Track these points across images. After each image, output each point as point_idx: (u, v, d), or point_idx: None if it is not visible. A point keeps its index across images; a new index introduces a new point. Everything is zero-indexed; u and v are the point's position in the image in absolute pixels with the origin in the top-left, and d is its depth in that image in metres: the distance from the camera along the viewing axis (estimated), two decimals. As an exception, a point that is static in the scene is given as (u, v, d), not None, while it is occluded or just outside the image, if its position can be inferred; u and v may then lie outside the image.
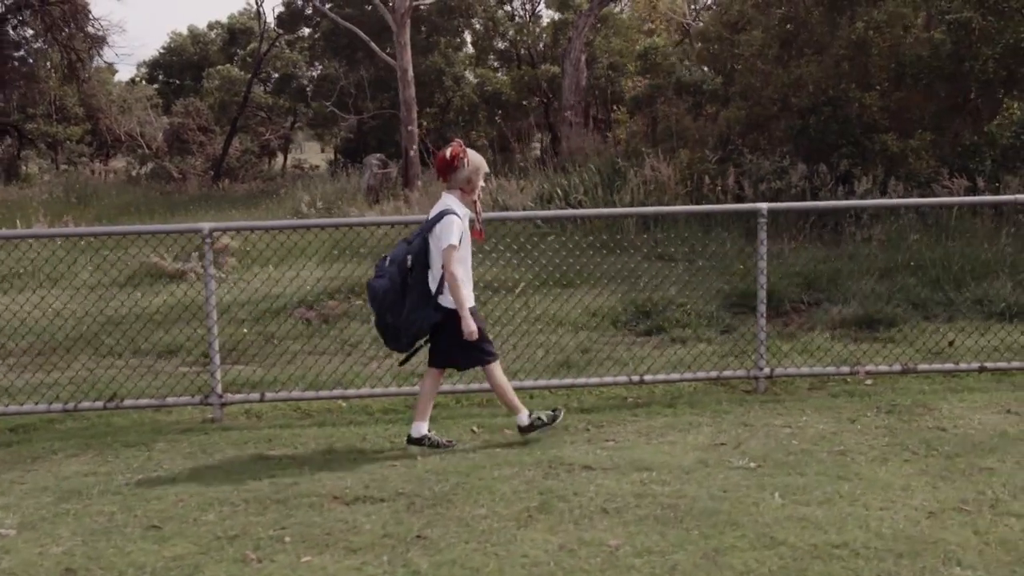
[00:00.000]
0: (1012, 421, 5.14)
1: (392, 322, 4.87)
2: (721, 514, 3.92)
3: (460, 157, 4.84)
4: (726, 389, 6.13)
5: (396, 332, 4.91)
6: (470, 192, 4.93)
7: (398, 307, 4.84)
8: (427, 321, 4.87)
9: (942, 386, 5.96)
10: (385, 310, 4.87)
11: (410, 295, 4.83)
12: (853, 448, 4.76)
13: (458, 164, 4.85)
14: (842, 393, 5.89)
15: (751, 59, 11.20)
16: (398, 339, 4.95)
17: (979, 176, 10.84)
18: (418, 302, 4.84)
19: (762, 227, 5.91)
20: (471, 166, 4.87)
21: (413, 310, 4.83)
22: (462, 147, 4.90)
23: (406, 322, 4.85)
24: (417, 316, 4.84)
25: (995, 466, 4.41)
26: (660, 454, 4.78)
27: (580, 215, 8.07)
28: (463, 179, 4.88)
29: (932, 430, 5.03)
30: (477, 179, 4.93)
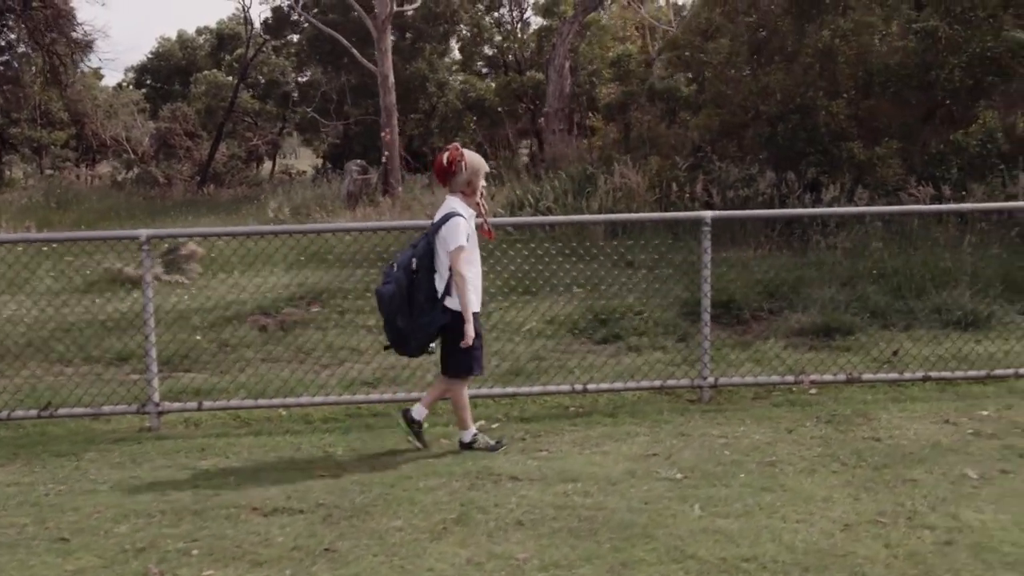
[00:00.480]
0: (947, 431, 5.11)
1: (402, 327, 4.86)
2: (637, 527, 3.89)
3: (457, 161, 4.84)
4: (672, 399, 6.09)
5: (405, 337, 4.90)
6: (471, 194, 4.93)
7: (405, 311, 4.83)
8: (434, 324, 4.84)
9: (885, 396, 5.93)
10: (393, 315, 4.86)
11: (416, 299, 4.82)
12: (784, 459, 4.73)
13: (456, 168, 4.85)
14: (785, 403, 5.85)
15: (719, 67, 11.19)
16: (407, 344, 4.93)
17: (945, 184, 10.84)
18: (425, 306, 4.83)
19: (705, 235, 5.89)
20: (469, 168, 4.86)
21: (421, 314, 4.82)
22: (459, 150, 4.89)
23: (415, 326, 4.84)
24: (425, 320, 4.83)
25: (920, 477, 4.38)
26: (591, 465, 4.74)
27: (517, 223, 8.00)
28: (463, 182, 4.87)
29: (866, 440, 5.00)
30: (477, 180, 4.92)
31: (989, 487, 4.23)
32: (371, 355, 7.31)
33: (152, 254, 5.74)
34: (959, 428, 5.17)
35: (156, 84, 38.66)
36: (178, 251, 10.78)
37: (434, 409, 5.95)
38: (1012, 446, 4.81)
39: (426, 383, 6.54)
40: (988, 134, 11.05)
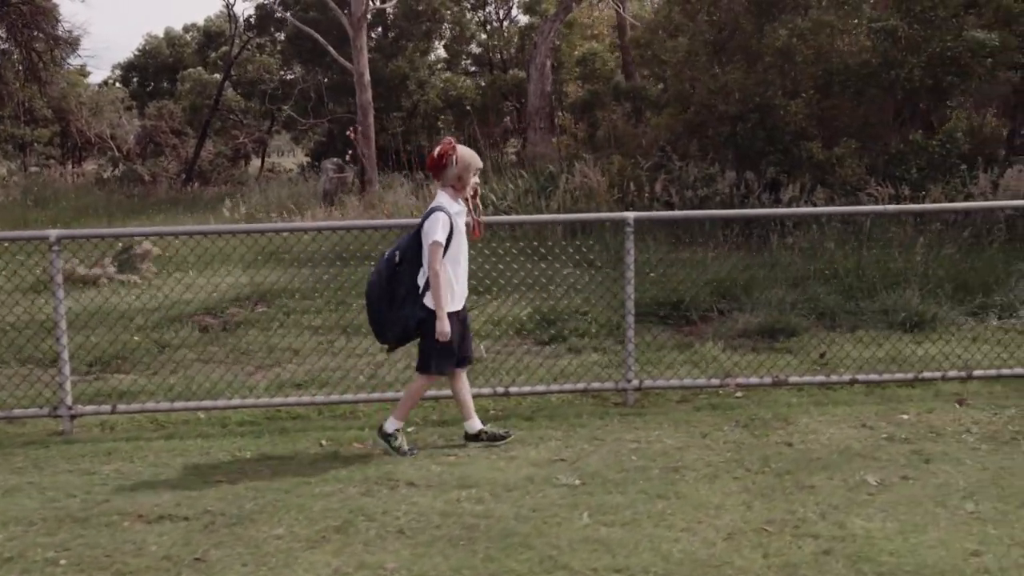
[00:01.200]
0: (862, 436, 5.04)
1: (380, 317, 4.86)
2: (518, 535, 3.82)
3: (448, 154, 4.80)
4: (598, 402, 6.02)
5: (383, 326, 4.90)
6: (461, 189, 4.88)
7: (383, 302, 4.84)
8: (412, 318, 4.83)
9: (811, 399, 5.87)
10: (374, 304, 4.88)
11: (397, 291, 4.82)
12: (689, 465, 4.66)
13: (447, 162, 4.80)
14: (708, 406, 5.79)
15: (678, 66, 11.11)
16: (385, 334, 4.94)
17: (904, 185, 10.78)
18: (404, 298, 4.82)
19: (628, 236, 5.82)
20: (461, 163, 4.82)
21: (400, 307, 4.82)
22: (451, 144, 4.85)
23: (393, 318, 4.83)
24: (403, 313, 4.82)
25: (820, 484, 4.32)
26: (493, 470, 4.67)
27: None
28: (453, 176, 4.83)
29: (778, 445, 4.93)
30: (468, 176, 4.87)
31: (886, 494, 4.17)
32: (309, 356, 7.24)
33: (63, 255, 5.65)
34: (875, 432, 5.11)
35: (143, 82, 38.61)
36: (132, 250, 10.71)
37: (353, 414, 5.91)
38: (921, 451, 4.75)
39: (359, 385, 6.48)
40: (948, 135, 10.98)
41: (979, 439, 4.93)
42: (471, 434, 5.10)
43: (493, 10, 28.23)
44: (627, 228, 5.81)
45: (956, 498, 4.08)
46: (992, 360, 6.48)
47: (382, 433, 5.03)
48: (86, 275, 10.04)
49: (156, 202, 24.95)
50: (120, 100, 34.78)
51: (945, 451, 4.73)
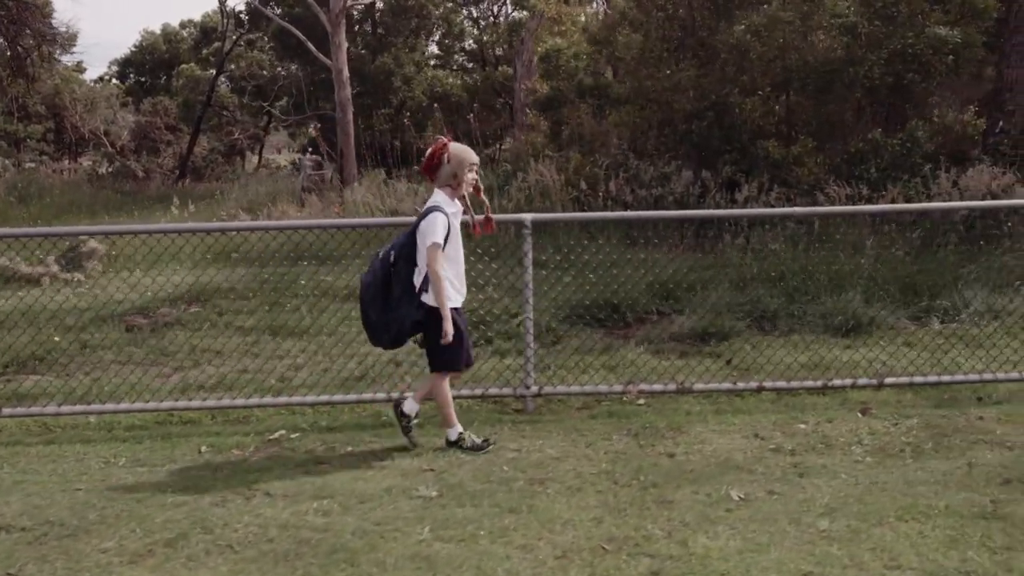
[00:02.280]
0: (749, 447, 4.89)
1: (374, 319, 4.77)
2: (347, 551, 3.70)
3: (440, 153, 4.71)
4: (499, 408, 5.89)
5: (377, 328, 4.80)
6: (458, 187, 4.78)
7: (378, 303, 4.74)
8: (408, 319, 4.73)
9: (714, 407, 5.72)
10: (367, 305, 4.79)
11: (393, 292, 4.72)
12: (558, 476, 4.52)
13: (439, 160, 4.72)
14: (606, 414, 5.64)
15: (631, 63, 10.94)
16: (379, 336, 4.84)
17: (862, 185, 10.58)
18: (400, 299, 4.72)
19: (525, 239, 5.67)
20: (454, 160, 4.72)
21: (396, 307, 4.72)
22: (443, 143, 4.75)
23: (388, 319, 4.74)
24: (399, 314, 4.72)
25: (682, 499, 4.17)
26: (356, 480, 4.55)
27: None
28: (448, 175, 4.74)
29: (658, 456, 4.78)
30: (463, 173, 4.76)
31: (745, 510, 4.01)
32: (229, 358, 7.14)
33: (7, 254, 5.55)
34: (764, 443, 4.95)
35: (140, 78, 38.61)
36: (79, 248, 10.64)
37: (249, 418, 5.80)
38: (801, 464, 4.59)
39: (265, 389, 6.38)
40: (909, 134, 10.77)
41: (867, 451, 4.76)
42: (452, 441, 5.00)
43: (487, 5, 28.10)
44: (524, 230, 5.67)
45: (813, 515, 3.92)
46: (919, 366, 6.31)
47: (450, 444, 4.96)
48: (29, 273, 9.96)
49: (145, 198, 24.94)
50: (117, 96, 34.83)
51: (826, 464, 4.57)
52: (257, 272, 9.71)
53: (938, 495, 4.10)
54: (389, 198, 12.16)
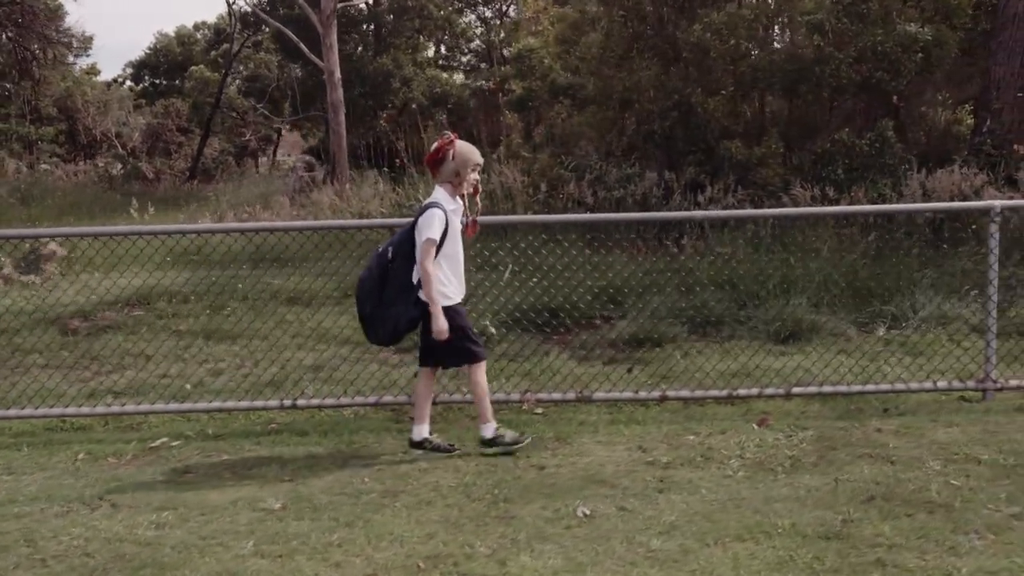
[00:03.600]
0: (628, 460, 4.73)
1: (370, 313, 4.73)
2: (157, 567, 3.61)
3: (445, 149, 4.67)
4: (398, 415, 5.77)
5: (373, 324, 4.77)
6: (459, 186, 4.73)
7: (374, 298, 4.70)
8: (404, 316, 4.70)
9: (611, 416, 5.56)
10: (363, 301, 4.76)
11: (390, 288, 4.69)
12: (414, 489, 4.39)
13: (443, 156, 4.68)
14: (499, 423, 5.48)
15: (593, 62, 10.77)
16: (376, 332, 4.81)
17: (830, 186, 10.33)
18: (397, 296, 4.68)
19: (418, 245, 5.54)
20: (459, 158, 4.67)
21: (392, 304, 4.68)
22: (450, 139, 4.71)
23: (383, 315, 4.70)
24: (395, 310, 4.69)
25: (527, 515, 4.02)
26: (213, 490, 4.46)
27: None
28: (450, 172, 4.70)
29: (527, 469, 4.64)
30: (465, 172, 4.71)
31: (584, 528, 3.86)
32: (157, 361, 7.08)
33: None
34: (643, 456, 4.79)
35: (154, 80, 38.98)
36: (39, 251, 10.66)
37: (144, 424, 5.73)
38: (668, 478, 4.43)
39: (174, 393, 6.31)
40: (879, 134, 10.51)
41: (744, 465, 4.59)
42: (415, 441, 4.90)
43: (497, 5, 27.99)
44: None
45: (651, 533, 3.76)
46: (842, 375, 6.11)
47: (485, 443, 4.89)
48: (-20, 276, 10.00)
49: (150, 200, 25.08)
50: (127, 98, 35.17)
51: (694, 478, 4.41)
52: (210, 275, 9.65)
53: (791, 513, 3.92)
54: (358, 201, 12.07)
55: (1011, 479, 4.24)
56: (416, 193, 12.24)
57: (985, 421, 5.18)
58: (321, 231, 6.23)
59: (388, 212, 11.78)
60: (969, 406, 5.53)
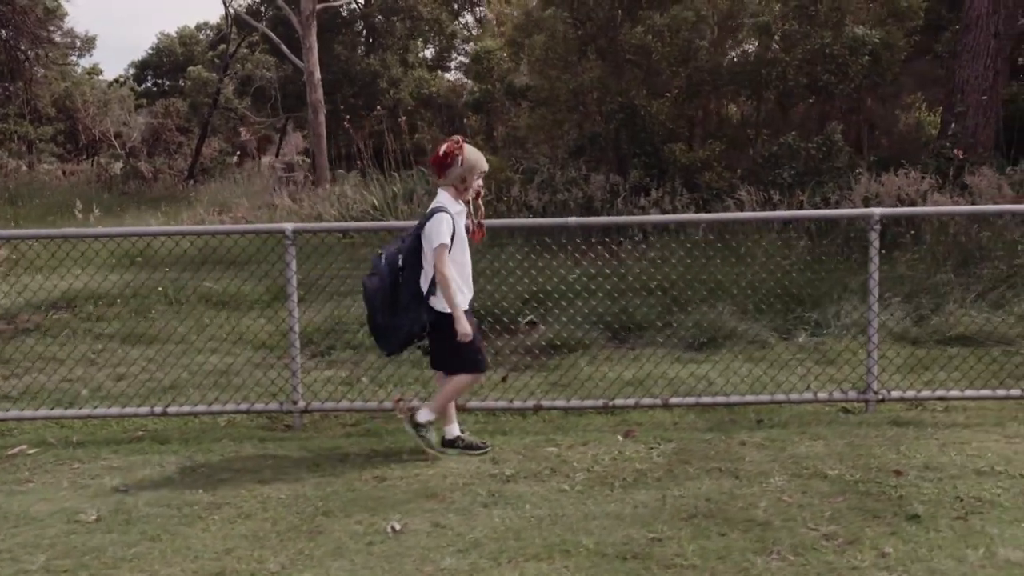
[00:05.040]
0: (473, 471, 4.63)
1: (382, 323, 4.70)
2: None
3: (454, 154, 4.62)
4: (271, 423, 5.70)
5: (386, 333, 4.73)
6: (463, 192, 4.70)
7: (387, 308, 4.66)
8: (416, 323, 4.66)
9: (486, 426, 5.47)
10: (375, 310, 4.70)
11: (401, 295, 4.64)
12: (240, 501, 4.32)
13: (451, 161, 4.63)
14: (367, 433, 5.43)
15: (537, 64, 10.66)
16: (388, 341, 4.77)
17: (775, 190, 10.19)
18: (409, 303, 4.64)
19: (288, 248, 5.48)
20: (466, 164, 4.63)
21: (403, 311, 4.64)
22: (459, 144, 4.67)
23: (396, 323, 4.67)
24: (407, 318, 4.65)
25: (336, 530, 3.94)
26: (41, 500, 4.40)
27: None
28: (456, 176, 4.65)
29: (366, 480, 4.56)
30: (471, 178, 4.68)
31: (386, 544, 3.77)
32: (67, 365, 7.03)
33: None
34: (491, 468, 4.70)
35: (157, 80, 39.18)
36: (-17, 253, 10.69)
37: (15, 430, 5.68)
38: (502, 492, 4.33)
39: (67, 400, 6.27)
40: (827, 137, 10.35)
41: (587, 479, 4.48)
42: (448, 440, 4.90)
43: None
44: (286, 241, 5.47)
45: (449, 551, 3.67)
46: (735, 385, 6.00)
47: (413, 423, 4.86)
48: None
49: (144, 200, 25.19)
50: (128, 98, 35.37)
51: (526, 493, 4.30)
52: (153, 278, 9.62)
53: (604, 531, 3.81)
54: (318, 203, 12.03)
55: (846, 497, 4.11)
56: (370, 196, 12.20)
57: (854, 434, 5.04)
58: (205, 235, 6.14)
59: (337, 216, 11.72)
60: (846, 418, 5.40)
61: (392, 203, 11.19)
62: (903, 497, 4.08)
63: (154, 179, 30.47)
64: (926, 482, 4.26)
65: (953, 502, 4.01)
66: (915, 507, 3.95)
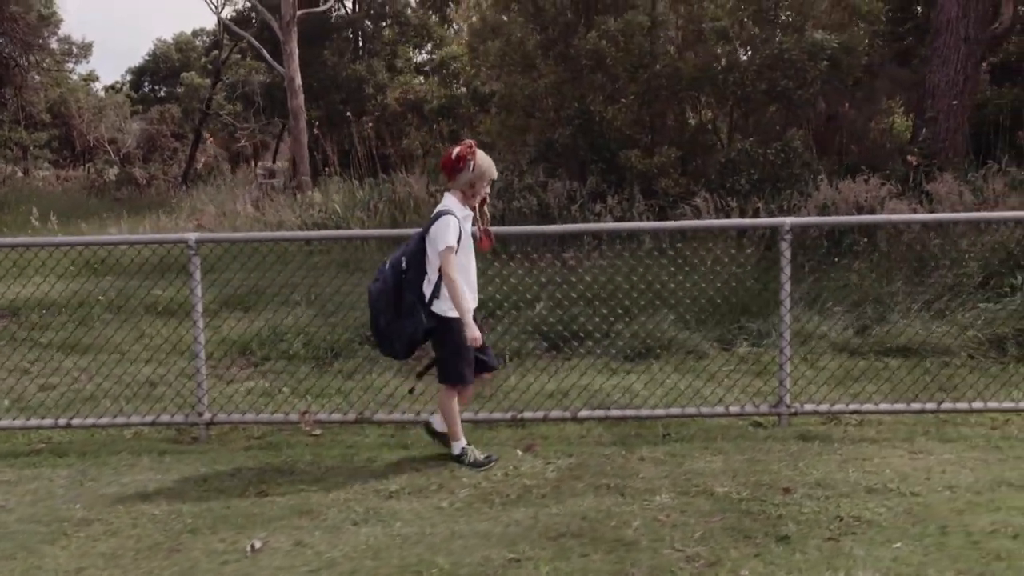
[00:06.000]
0: (354, 489, 4.54)
1: (384, 327, 4.66)
2: None
3: (467, 159, 4.58)
4: (180, 435, 5.63)
5: (389, 337, 4.68)
6: (471, 197, 4.65)
7: (390, 312, 4.62)
8: (419, 328, 4.61)
9: (385, 440, 5.38)
10: (378, 314, 4.67)
11: (404, 300, 4.60)
12: (112, 517, 4.25)
13: (463, 165, 4.58)
14: (268, 445, 5.34)
15: (494, 69, 10.58)
16: (392, 346, 4.72)
17: (732, 196, 10.07)
18: (411, 308, 4.60)
19: (191, 259, 5.40)
20: (476, 170, 4.59)
21: (406, 316, 4.60)
22: (471, 148, 4.62)
23: (398, 328, 4.62)
24: (409, 323, 4.60)
25: (195, 547, 3.86)
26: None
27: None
28: (465, 181, 4.61)
29: (247, 496, 4.48)
30: (480, 184, 4.64)
31: (238, 564, 3.69)
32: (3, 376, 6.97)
33: None
34: (376, 484, 4.61)
35: (154, 86, 39.31)
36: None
37: None
38: (379, 509, 4.24)
39: None
40: (786, 143, 10.23)
41: (469, 496, 4.39)
42: (455, 455, 4.84)
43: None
44: (188, 250, 5.40)
45: (304, 570, 3.60)
46: (661, 397, 5.90)
47: (455, 459, 4.82)
48: None
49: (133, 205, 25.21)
50: (124, 104, 35.47)
51: (402, 510, 4.21)
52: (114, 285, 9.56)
53: (465, 551, 3.72)
54: (281, 211, 11.97)
55: (725, 516, 4.01)
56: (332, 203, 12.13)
57: (757, 449, 4.94)
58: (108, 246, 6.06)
59: (299, 223, 11.65)
60: (755, 432, 5.29)
61: (351, 212, 11.13)
62: (782, 516, 3.97)
63: (148, 185, 30.53)
64: (812, 500, 4.16)
65: (832, 522, 3.90)
66: (789, 527, 3.85)
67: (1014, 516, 3.88)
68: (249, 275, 8.98)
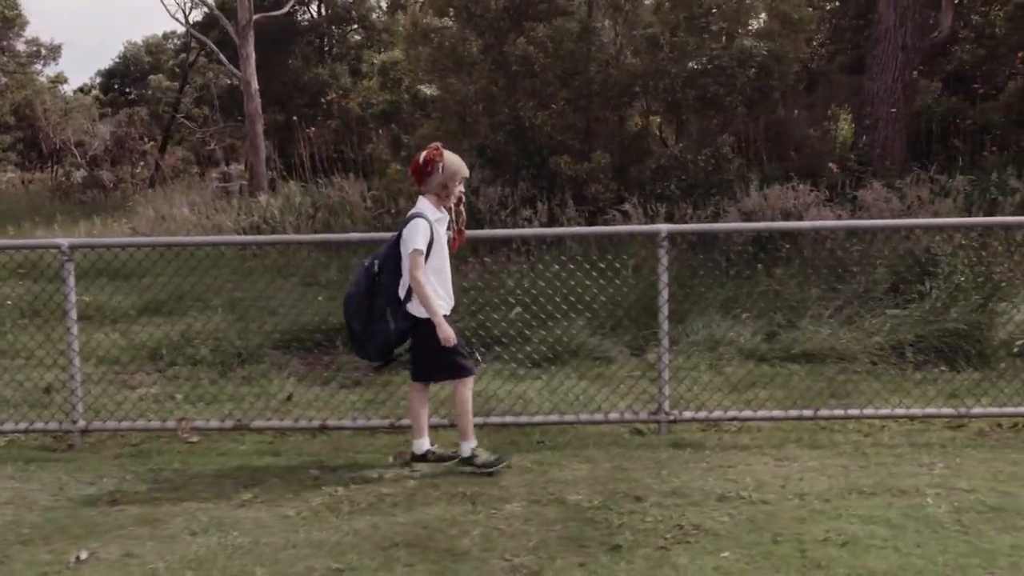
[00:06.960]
0: (210, 498, 4.48)
1: (359, 329, 4.61)
2: None
3: (435, 161, 4.53)
4: (57, 443, 5.55)
5: (363, 340, 4.64)
6: (445, 198, 4.61)
7: (362, 314, 4.59)
8: (395, 331, 4.57)
9: (261, 447, 5.33)
10: (351, 318, 4.64)
11: (376, 302, 4.57)
12: (-44, 526, 4.17)
13: (432, 168, 4.54)
14: (139, 454, 5.29)
15: (425, 75, 10.54)
16: (365, 348, 4.68)
17: (661, 203, 10.06)
18: (385, 311, 4.56)
19: (64, 265, 5.34)
20: (447, 171, 4.55)
21: (379, 318, 4.57)
22: (438, 151, 4.58)
23: (372, 331, 4.58)
24: (383, 326, 4.56)
25: (28, 559, 3.79)
26: None
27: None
28: (438, 183, 4.57)
29: (105, 505, 4.41)
30: (453, 185, 4.60)
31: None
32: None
33: None
34: (237, 491, 4.55)
35: (125, 89, 39.08)
36: None
37: None
38: (223, 519, 4.18)
39: None
40: (715, 149, 10.24)
41: (322, 504, 4.34)
42: (417, 455, 4.79)
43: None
44: (62, 256, 5.33)
45: (116, 583, 3.52)
46: (556, 404, 5.87)
47: (463, 461, 4.75)
48: None
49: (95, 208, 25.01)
50: (92, 106, 35.25)
51: (246, 519, 4.16)
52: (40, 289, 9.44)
53: (293, 561, 3.68)
54: (208, 212, 11.90)
55: (567, 525, 3.97)
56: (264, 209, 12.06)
57: (627, 457, 4.91)
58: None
59: (235, 228, 11.58)
60: (631, 439, 5.27)
61: (282, 216, 11.07)
62: (622, 525, 3.94)
63: (115, 188, 30.31)
64: (660, 509, 4.13)
65: (670, 530, 3.87)
66: (625, 536, 3.82)
67: (852, 524, 3.86)
68: (170, 280, 8.96)
